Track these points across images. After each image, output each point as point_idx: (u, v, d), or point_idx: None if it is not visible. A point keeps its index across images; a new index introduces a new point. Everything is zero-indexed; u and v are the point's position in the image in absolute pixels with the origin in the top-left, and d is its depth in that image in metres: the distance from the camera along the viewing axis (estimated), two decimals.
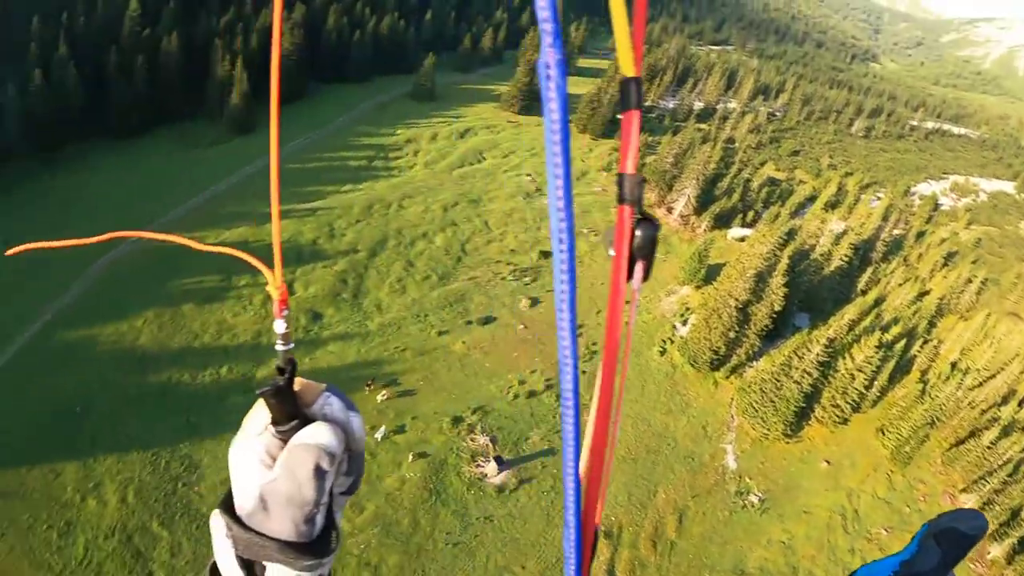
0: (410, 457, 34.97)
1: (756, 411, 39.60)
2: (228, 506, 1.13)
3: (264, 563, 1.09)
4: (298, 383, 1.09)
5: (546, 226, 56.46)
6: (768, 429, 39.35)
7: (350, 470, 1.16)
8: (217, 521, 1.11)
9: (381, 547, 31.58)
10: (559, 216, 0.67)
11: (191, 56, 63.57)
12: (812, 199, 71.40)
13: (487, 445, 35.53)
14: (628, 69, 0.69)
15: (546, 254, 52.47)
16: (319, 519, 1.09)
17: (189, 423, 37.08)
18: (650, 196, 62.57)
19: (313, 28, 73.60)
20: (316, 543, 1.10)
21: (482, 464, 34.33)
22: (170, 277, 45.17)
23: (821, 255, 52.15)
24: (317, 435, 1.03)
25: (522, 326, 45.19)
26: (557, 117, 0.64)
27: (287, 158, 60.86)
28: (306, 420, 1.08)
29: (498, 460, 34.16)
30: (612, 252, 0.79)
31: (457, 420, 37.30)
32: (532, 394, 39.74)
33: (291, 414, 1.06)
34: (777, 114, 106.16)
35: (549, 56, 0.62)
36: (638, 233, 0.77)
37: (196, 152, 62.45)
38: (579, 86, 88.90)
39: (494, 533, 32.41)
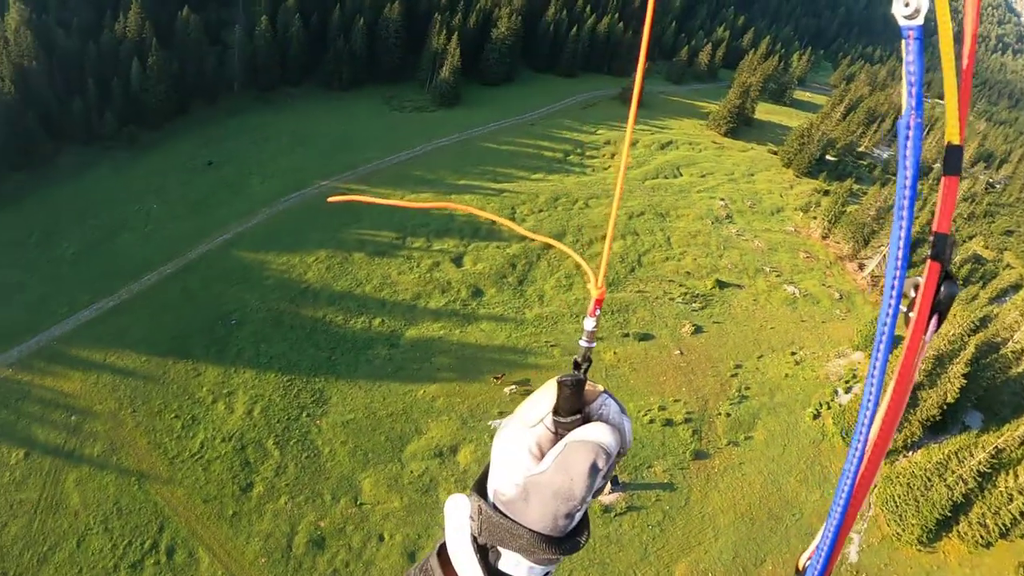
0: None
1: (896, 506, 36.48)
2: (482, 490, 1.20)
3: (501, 550, 1.14)
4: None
5: (728, 254, 52.91)
6: (903, 529, 35.84)
7: (608, 471, 1.15)
8: (462, 503, 1.19)
9: None
10: (895, 268, 0.75)
11: (410, 25, 69.20)
12: (1017, 287, 60.47)
13: None
14: (954, 136, 0.75)
15: (722, 284, 49.67)
16: (578, 516, 1.14)
17: (330, 361, 39.63)
18: (842, 247, 56.68)
19: (531, 16, 76.57)
20: (567, 538, 1.14)
21: None
22: (349, 225, 49.42)
23: (1012, 353, 44.64)
24: (598, 434, 1.08)
25: (678, 351, 43.11)
26: (910, 174, 0.72)
27: (486, 137, 64.27)
28: (585, 418, 1.13)
29: (614, 480, 33.01)
30: (911, 312, 0.82)
31: None
32: (668, 423, 38.27)
33: (575, 408, 1.12)
34: (996, 186, 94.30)
35: (911, 119, 0.71)
36: (942, 290, 0.82)
37: (398, 115, 68.19)
38: (791, 118, 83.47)
39: (585, 551, 31.23)
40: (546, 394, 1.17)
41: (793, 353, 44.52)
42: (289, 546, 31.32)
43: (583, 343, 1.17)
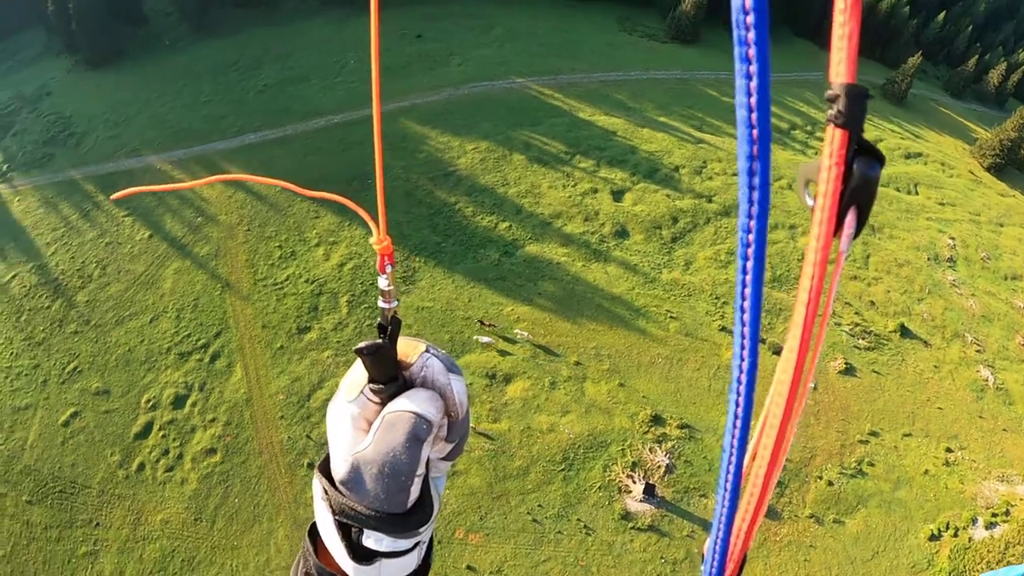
0: (578, 413, 30.62)
1: None
2: (326, 469, 1.17)
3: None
4: (399, 342, 1.11)
5: (930, 302, 40.58)
6: None
7: (451, 435, 1.15)
8: (315, 483, 1.17)
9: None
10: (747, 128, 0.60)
11: None
12: None
13: (657, 467, 28.66)
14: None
15: (906, 332, 38.74)
16: (414, 490, 1.10)
17: (438, 246, 39.15)
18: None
19: None
20: (410, 514, 1.11)
21: (633, 479, 28.00)
22: (524, 125, 48.33)
23: None
24: (413, 402, 1.06)
25: (812, 385, 33.17)
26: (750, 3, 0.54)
27: (709, 83, 58.71)
28: (405, 383, 1.10)
29: (649, 489, 27.51)
30: (810, 200, 0.62)
31: (657, 420, 31.07)
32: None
33: (389, 375, 1.08)
34: None
35: None
36: (855, 170, 0.61)
37: (625, 37, 64.70)
38: None
39: (580, 550, 26.54)
40: (357, 367, 1.14)
41: (949, 450, 32.00)
42: (309, 396, 30.60)
43: (381, 304, 1.11)
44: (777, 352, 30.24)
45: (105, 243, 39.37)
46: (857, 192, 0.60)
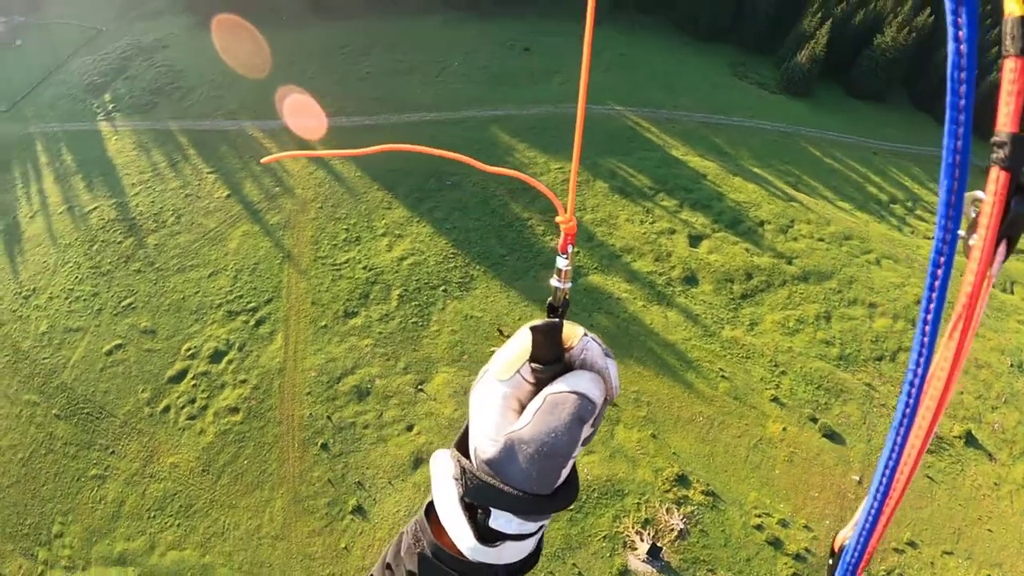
0: (602, 456, 29.39)
1: None
2: (463, 447, 1.19)
3: (490, 508, 1.12)
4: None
5: (1005, 412, 37.02)
6: None
7: (599, 417, 1.14)
8: (445, 461, 1.18)
9: None
10: (951, 179, 0.69)
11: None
12: None
13: (670, 529, 26.98)
14: (1020, 5, 0.65)
15: (972, 441, 36.20)
16: (565, 472, 1.10)
17: (502, 258, 40.27)
18: None
19: (929, 40, 63.47)
20: (555, 496, 1.11)
21: (642, 536, 26.49)
22: (613, 153, 48.37)
23: None
24: (581, 383, 1.07)
25: (858, 478, 31.32)
26: (964, 47, 0.66)
27: (813, 140, 56.82)
28: (566, 366, 1.12)
29: (655, 550, 25.85)
30: (972, 237, 0.72)
31: (682, 480, 29.34)
32: (775, 543, 27.96)
33: (556, 355, 1.11)
34: None
35: None
36: (1013, 207, 0.70)
37: (735, 82, 63.61)
38: None
39: None
40: (520, 342, 1.14)
41: None
42: (339, 379, 30.54)
43: (555, 283, 1.14)
44: (827, 435, 28.04)
45: (185, 194, 41.25)
46: (1011, 227, 0.69)
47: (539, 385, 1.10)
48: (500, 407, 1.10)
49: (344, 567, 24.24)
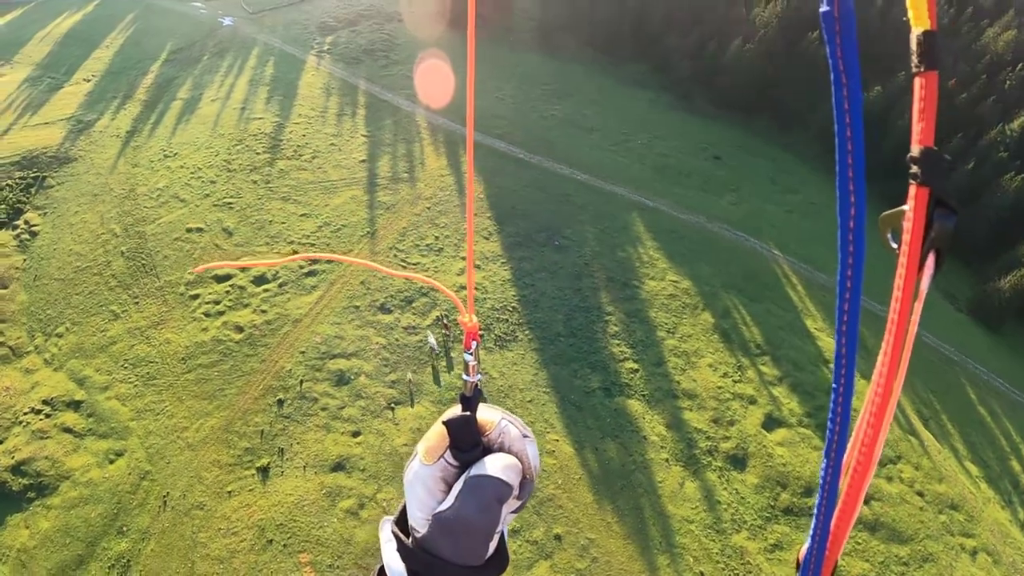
0: None
1: None
2: (402, 522, 1.38)
3: None
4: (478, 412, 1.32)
5: None
6: None
7: (522, 494, 1.31)
8: (387, 535, 1.35)
9: None
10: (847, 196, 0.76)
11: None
12: None
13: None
14: (922, 20, 0.71)
15: None
16: (491, 545, 1.28)
17: (555, 337, 39.55)
18: None
19: None
20: (487, 566, 1.28)
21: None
22: (741, 292, 46.83)
23: None
24: (495, 467, 1.23)
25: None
26: (846, 78, 0.73)
27: (995, 392, 51.03)
28: (484, 448, 1.29)
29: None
30: (894, 244, 0.80)
31: None
32: None
33: (472, 443, 1.28)
34: None
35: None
36: (935, 223, 0.77)
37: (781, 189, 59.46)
38: None
39: None
40: (440, 431, 1.31)
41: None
42: (333, 356, 33.44)
43: (465, 377, 1.35)
44: None
45: (331, 143, 47.60)
46: (937, 240, 0.77)
47: (462, 467, 1.25)
48: (428, 488, 1.25)
49: (218, 506, 26.53)
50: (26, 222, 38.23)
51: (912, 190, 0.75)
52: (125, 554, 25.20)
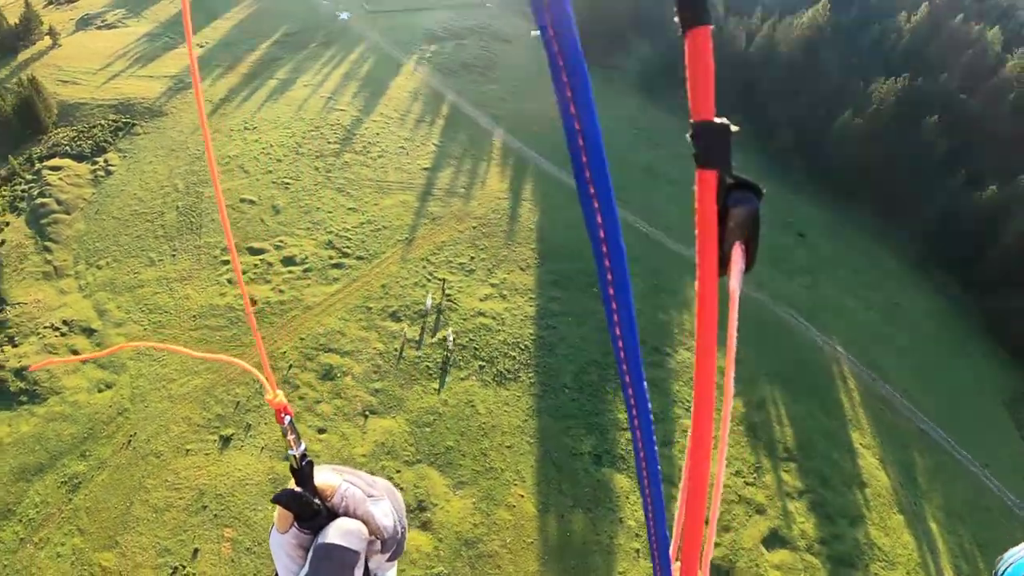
0: None
1: None
2: None
3: None
4: (317, 478, 1.39)
5: None
6: None
7: (385, 548, 1.42)
8: None
9: None
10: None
11: None
12: None
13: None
14: None
15: None
16: None
17: (564, 398, 39.35)
18: None
19: None
20: None
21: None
22: (797, 396, 44.80)
23: None
24: (336, 534, 1.32)
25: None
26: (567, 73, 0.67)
27: None
28: (330, 512, 1.37)
29: None
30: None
31: None
32: None
33: (311, 513, 1.35)
34: None
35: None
36: (731, 208, 0.68)
37: (989, 404, 54.01)
38: None
39: None
40: None
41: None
42: (328, 350, 36.02)
43: (290, 451, 1.41)
44: None
45: (400, 146, 51.17)
46: (737, 230, 0.70)
47: (315, 533, 1.35)
48: (288, 555, 1.37)
49: (173, 460, 29.55)
50: (105, 160, 44.14)
51: (698, 175, 0.68)
52: (79, 476, 28.71)
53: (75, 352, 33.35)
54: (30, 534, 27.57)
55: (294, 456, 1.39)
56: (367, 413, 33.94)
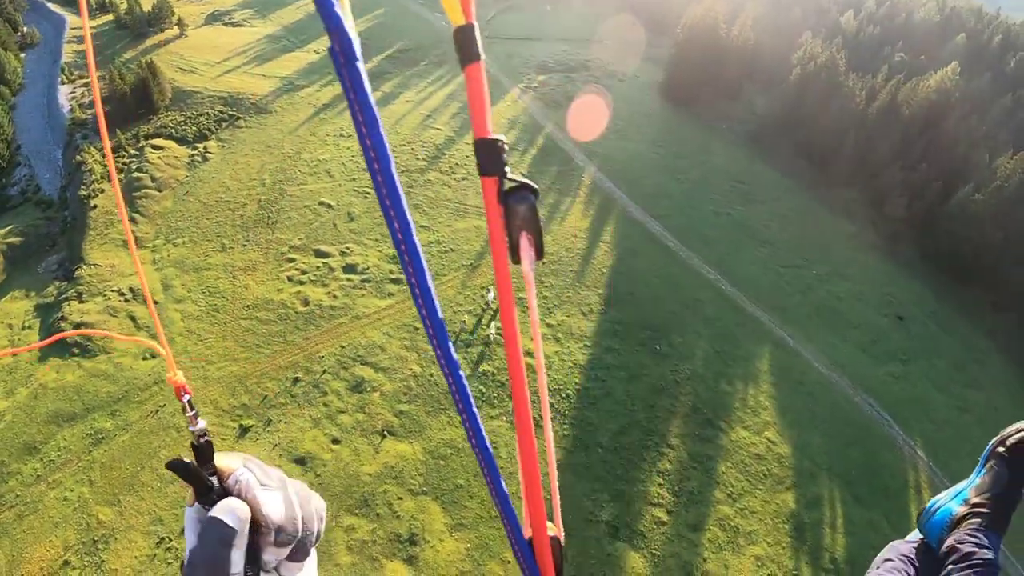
0: None
1: None
2: None
3: None
4: (221, 460, 1.48)
5: None
6: None
7: (279, 539, 1.47)
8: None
9: None
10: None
11: None
12: None
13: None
14: (458, 18, 0.77)
15: None
16: None
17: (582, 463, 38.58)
18: None
19: None
20: None
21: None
22: (833, 472, 41.81)
23: None
24: (219, 509, 1.38)
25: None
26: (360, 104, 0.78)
27: None
28: (226, 493, 1.43)
29: None
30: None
31: None
32: None
33: (205, 485, 1.41)
34: None
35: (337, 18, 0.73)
36: (513, 207, 0.87)
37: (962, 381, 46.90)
38: None
39: None
40: None
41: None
42: (364, 362, 37.30)
43: (191, 428, 1.53)
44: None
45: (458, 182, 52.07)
46: (522, 223, 0.88)
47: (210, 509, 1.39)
48: (191, 528, 1.42)
49: (188, 441, 31.35)
50: (205, 147, 48.68)
51: (481, 182, 0.84)
52: (104, 432, 31.58)
53: (132, 319, 36.81)
54: (47, 473, 30.70)
55: (193, 432, 1.48)
56: (385, 433, 34.47)
